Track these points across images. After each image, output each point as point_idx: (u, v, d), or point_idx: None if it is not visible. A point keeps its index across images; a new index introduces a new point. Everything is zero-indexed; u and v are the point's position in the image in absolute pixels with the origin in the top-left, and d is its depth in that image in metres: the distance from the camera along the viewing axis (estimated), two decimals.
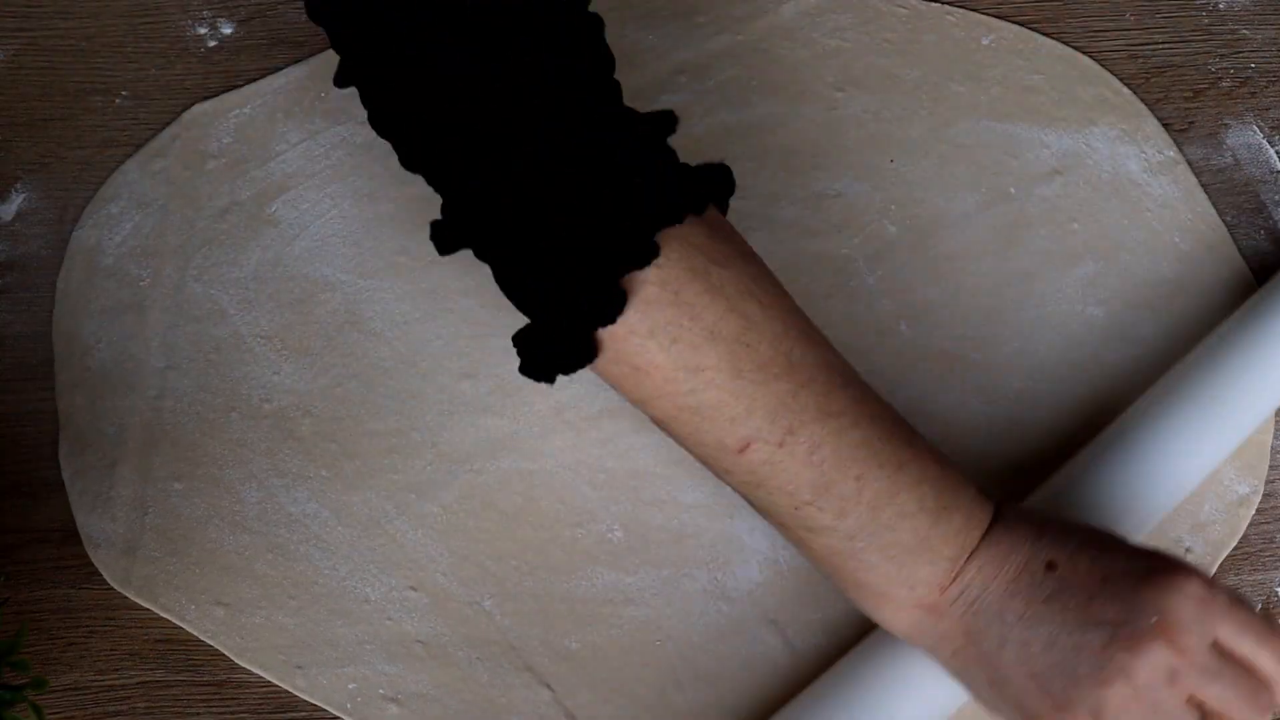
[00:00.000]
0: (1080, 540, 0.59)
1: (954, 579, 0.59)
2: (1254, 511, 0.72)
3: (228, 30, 0.85)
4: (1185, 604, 0.56)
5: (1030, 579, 0.58)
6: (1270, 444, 0.73)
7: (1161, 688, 0.55)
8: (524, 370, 0.59)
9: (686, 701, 0.68)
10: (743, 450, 0.57)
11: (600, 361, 0.57)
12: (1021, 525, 0.60)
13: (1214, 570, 0.71)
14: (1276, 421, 0.74)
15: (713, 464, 0.60)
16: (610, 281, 0.55)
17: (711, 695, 0.68)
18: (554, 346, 0.57)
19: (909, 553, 0.58)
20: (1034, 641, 0.57)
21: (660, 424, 0.60)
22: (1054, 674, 0.56)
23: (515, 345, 0.59)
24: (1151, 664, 0.55)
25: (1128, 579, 0.57)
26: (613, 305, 0.55)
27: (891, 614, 0.60)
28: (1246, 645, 0.57)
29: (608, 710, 0.68)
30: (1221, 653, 0.56)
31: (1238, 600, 0.57)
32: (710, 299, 0.56)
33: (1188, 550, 0.71)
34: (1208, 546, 0.71)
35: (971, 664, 0.59)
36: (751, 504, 0.61)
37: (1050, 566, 0.58)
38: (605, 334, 0.56)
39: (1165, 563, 0.58)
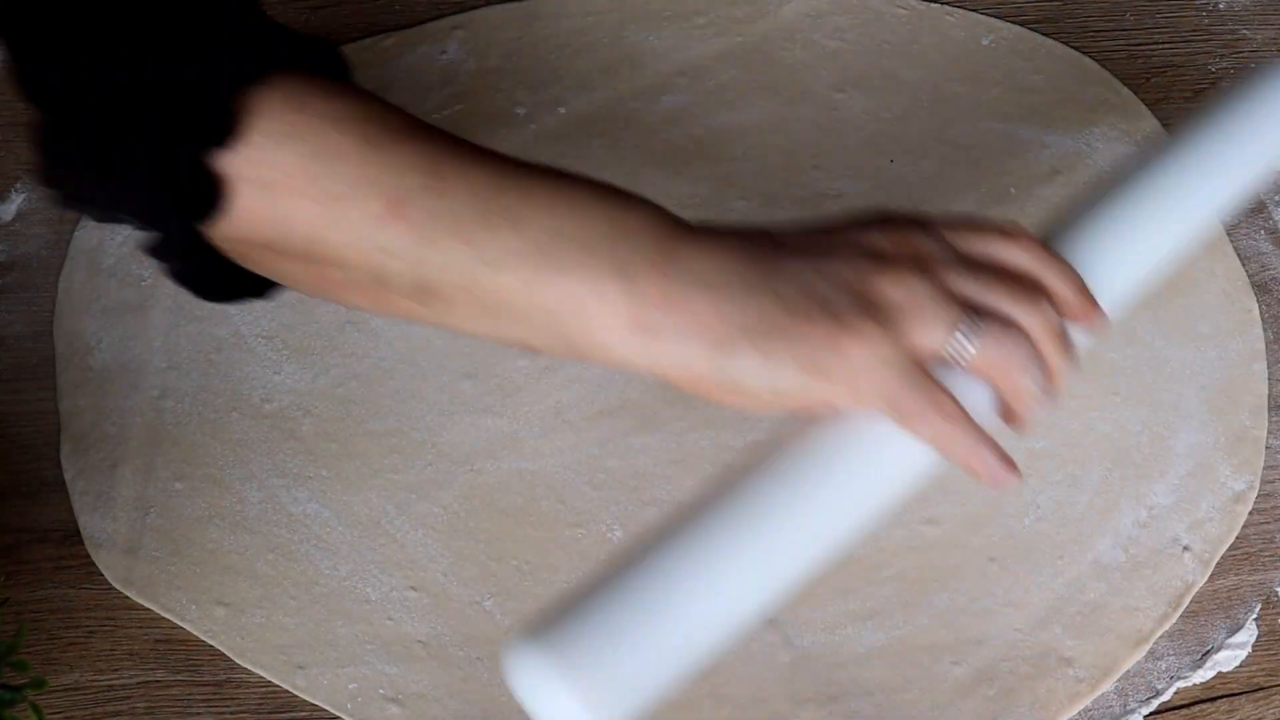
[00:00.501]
0: (784, 226, 0.53)
1: (667, 258, 0.51)
2: (1250, 508, 0.72)
3: None
4: (905, 224, 0.53)
5: (762, 240, 0.53)
6: (1265, 440, 0.74)
7: (916, 281, 0.51)
8: (205, 294, 0.56)
9: (683, 694, 0.68)
10: (397, 211, 0.50)
11: (233, 202, 0.50)
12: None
13: (1211, 568, 0.71)
14: (1271, 418, 0.74)
15: (375, 260, 0.51)
16: (219, 100, 0.49)
17: (705, 687, 0.68)
18: (180, 217, 0.51)
19: (606, 239, 0.51)
20: (788, 286, 0.51)
21: (308, 250, 0.52)
22: (818, 304, 0.51)
23: (180, 282, 0.55)
24: (897, 274, 0.51)
25: (840, 227, 0.53)
26: (225, 123, 0.49)
27: (616, 333, 0.51)
28: (988, 246, 0.54)
29: None
30: (966, 254, 0.53)
31: (953, 215, 0.55)
32: (328, 97, 0.51)
33: (1185, 548, 0.71)
34: (1205, 543, 0.71)
35: (732, 345, 0.51)
36: (431, 302, 0.53)
37: (772, 236, 0.53)
38: (227, 163, 0.49)
39: (874, 211, 0.54)
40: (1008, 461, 0.53)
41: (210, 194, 0.50)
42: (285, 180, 0.50)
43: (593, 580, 0.50)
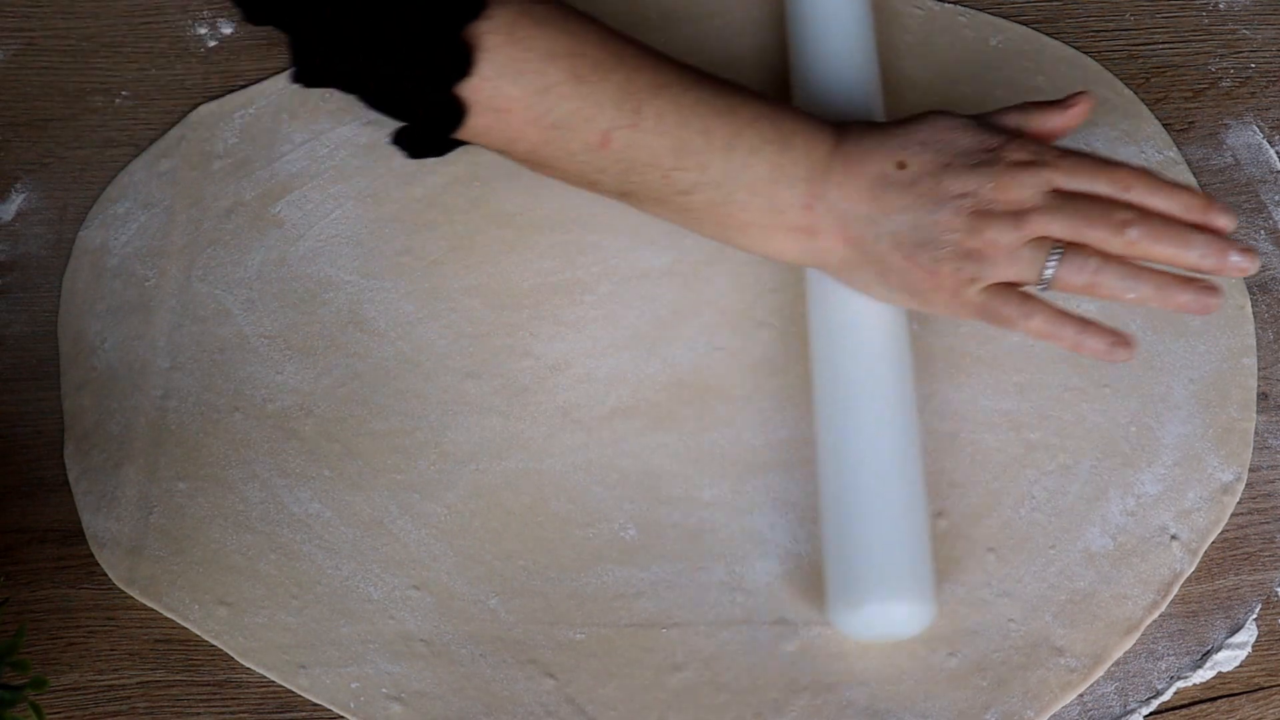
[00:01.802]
0: (926, 135, 0.66)
1: (815, 197, 0.66)
2: (1238, 499, 0.72)
3: (228, 30, 0.86)
4: (1017, 166, 0.64)
5: (886, 180, 0.65)
6: (1252, 430, 0.74)
7: (1009, 234, 0.63)
8: (413, 154, 0.69)
9: (683, 681, 0.68)
10: (605, 143, 0.66)
11: (470, 120, 0.65)
12: (868, 137, 0.67)
13: (1199, 557, 0.71)
14: (1259, 409, 0.74)
15: (588, 174, 0.68)
16: (453, 38, 0.63)
17: (707, 674, 0.68)
18: (429, 124, 0.67)
19: (768, 183, 0.66)
20: (901, 229, 0.65)
21: (532, 159, 0.68)
22: (923, 250, 0.64)
23: (396, 144, 0.69)
24: (996, 219, 0.63)
25: (969, 156, 0.65)
26: (462, 59, 0.63)
27: (778, 245, 0.68)
28: (1082, 180, 0.64)
29: (604, 693, 0.68)
30: (1062, 194, 0.64)
31: (1070, 150, 0.65)
32: (540, 29, 0.65)
33: (1173, 537, 0.71)
34: (1193, 533, 0.71)
35: (857, 266, 0.67)
36: (635, 202, 0.69)
37: (901, 166, 0.65)
38: (466, 90, 0.64)
39: (999, 137, 0.65)
40: (1115, 337, 0.64)
41: (454, 114, 0.65)
42: (512, 107, 0.65)
43: (846, 540, 0.66)
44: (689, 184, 0.67)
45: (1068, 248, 0.63)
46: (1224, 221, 0.63)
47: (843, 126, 0.68)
